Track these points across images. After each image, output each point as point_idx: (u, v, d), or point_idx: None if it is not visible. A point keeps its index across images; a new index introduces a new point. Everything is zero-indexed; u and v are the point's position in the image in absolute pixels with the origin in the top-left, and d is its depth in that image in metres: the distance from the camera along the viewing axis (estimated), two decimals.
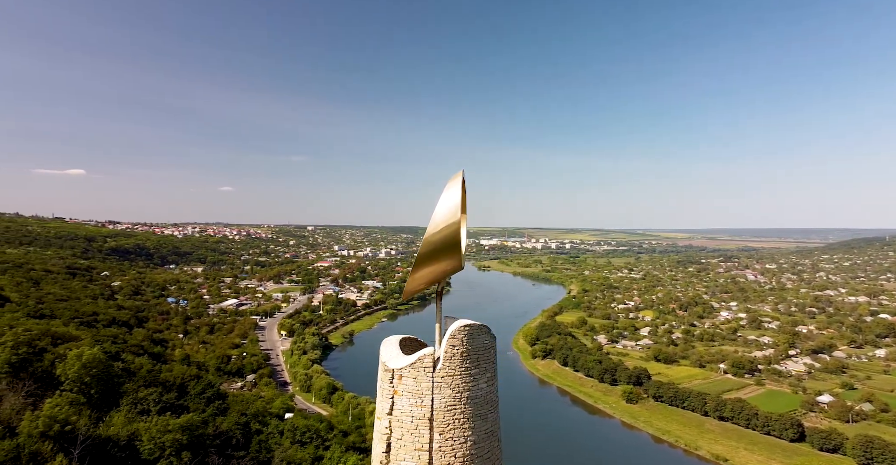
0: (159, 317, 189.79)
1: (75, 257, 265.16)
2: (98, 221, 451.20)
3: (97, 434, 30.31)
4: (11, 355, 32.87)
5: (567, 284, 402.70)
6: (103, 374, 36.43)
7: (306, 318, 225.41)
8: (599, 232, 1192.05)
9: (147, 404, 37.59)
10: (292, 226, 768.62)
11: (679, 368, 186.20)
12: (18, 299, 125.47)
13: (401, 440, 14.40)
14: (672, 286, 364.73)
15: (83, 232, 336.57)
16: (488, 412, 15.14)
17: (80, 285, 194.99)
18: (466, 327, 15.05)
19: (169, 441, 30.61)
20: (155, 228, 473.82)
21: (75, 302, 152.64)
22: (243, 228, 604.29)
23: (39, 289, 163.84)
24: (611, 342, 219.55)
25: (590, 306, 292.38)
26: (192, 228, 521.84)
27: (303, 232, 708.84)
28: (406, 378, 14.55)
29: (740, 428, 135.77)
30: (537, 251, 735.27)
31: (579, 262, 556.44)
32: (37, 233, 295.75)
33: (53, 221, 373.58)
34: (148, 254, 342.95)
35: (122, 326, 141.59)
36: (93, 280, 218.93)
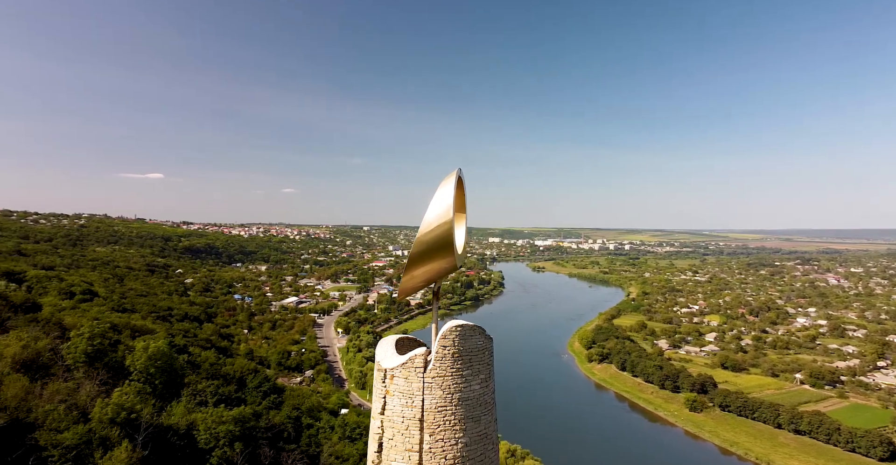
0: (226, 313, 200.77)
1: (154, 255, 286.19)
2: (174, 222, 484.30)
3: (159, 423, 32.20)
4: (88, 345, 35.63)
5: (625, 286, 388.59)
6: (167, 366, 38.76)
7: (361, 316, 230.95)
8: (661, 233, 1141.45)
9: (205, 395, 39.71)
10: (349, 226, 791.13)
11: (749, 376, 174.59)
12: (105, 293, 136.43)
13: (392, 441, 14.28)
14: (741, 290, 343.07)
15: (161, 232, 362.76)
16: (482, 415, 14.82)
17: (157, 282, 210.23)
18: (458, 328, 14.79)
19: (223, 432, 32.01)
20: (223, 229, 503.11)
21: (153, 297, 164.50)
22: (303, 229, 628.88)
23: (123, 285, 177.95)
24: (672, 348, 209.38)
25: (650, 310, 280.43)
26: (256, 229, 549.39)
27: (359, 232, 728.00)
28: (397, 378, 14.43)
29: (819, 443, 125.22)
30: (594, 252, 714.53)
31: (639, 263, 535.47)
32: (121, 233, 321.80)
33: (136, 222, 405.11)
34: (217, 253, 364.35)
35: (193, 321, 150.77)
36: (168, 277, 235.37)
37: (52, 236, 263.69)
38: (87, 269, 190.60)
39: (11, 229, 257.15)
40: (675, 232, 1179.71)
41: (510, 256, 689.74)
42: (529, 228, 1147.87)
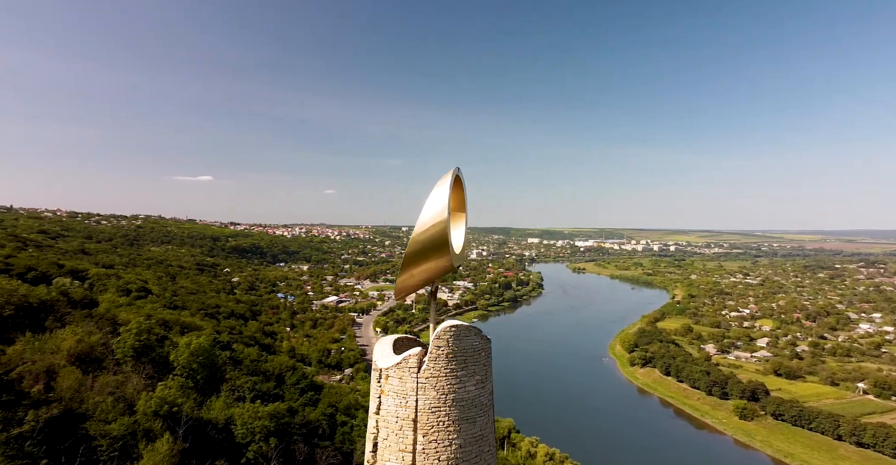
0: (270, 311, 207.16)
1: (203, 254, 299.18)
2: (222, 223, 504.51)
3: (199, 416, 33.38)
4: (135, 341, 37.44)
5: (670, 288, 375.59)
6: (208, 361, 40.20)
7: (399, 316, 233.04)
8: (709, 233, 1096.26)
9: (243, 391, 40.97)
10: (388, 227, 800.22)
11: (804, 384, 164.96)
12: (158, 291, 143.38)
13: (386, 441, 14.18)
14: (797, 294, 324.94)
15: (210, 232, 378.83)
16: (477, 416, 14.55)
17: (206, 280, 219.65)
18: (452, 328, 14.54)
19: (259, 427, 32.85)
20: (268, 229, 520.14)
21: (202, 295, 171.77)
22: (344, 229, 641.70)
23: (175, 283, 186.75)
24: (721, 353, 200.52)
25: (696, 313, 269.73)
26: (299, 229, 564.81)
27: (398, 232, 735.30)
28: (392, 378, 14.32)
29: (886, 458, 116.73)
30: (637, 253, 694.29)
31: (685, 265, 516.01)
32: (174, 233, 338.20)
33: (187, 223, 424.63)
34: (262, 253, 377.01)
35: (239, 318, 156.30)
36: (217, 276, 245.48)
37: (112, 236, 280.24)
38: (142, 267, 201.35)
39: (77, 230, 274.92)
40: (724, 233, 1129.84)
41: (550, 257, 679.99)
42: (570, 229, 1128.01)
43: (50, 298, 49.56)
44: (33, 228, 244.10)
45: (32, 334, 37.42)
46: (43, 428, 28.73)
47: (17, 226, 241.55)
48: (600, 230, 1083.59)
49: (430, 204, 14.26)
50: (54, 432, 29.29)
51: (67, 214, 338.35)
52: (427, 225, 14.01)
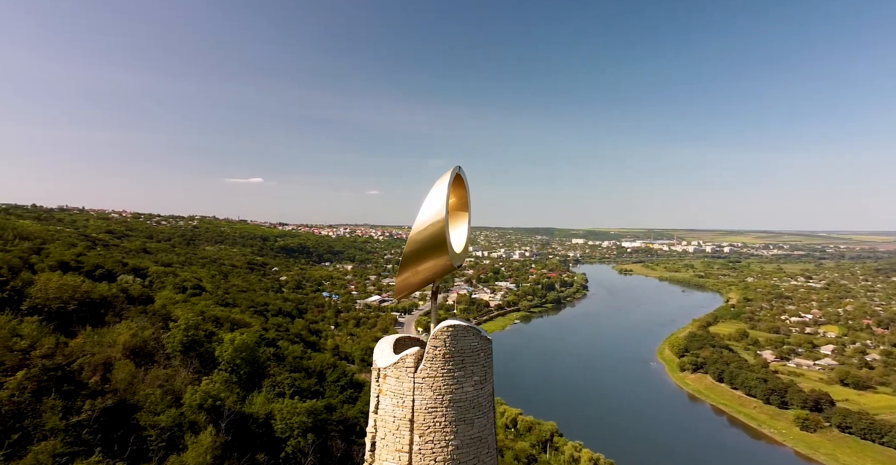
0: (316, 309, 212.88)
1: (253, 254, 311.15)
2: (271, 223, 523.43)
3: (241, 411, 34.47)
4: (183, 336, 39.16)
5: (724, 291, 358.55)
6: (251, 357, 41.50)
7: (441, 316, 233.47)
8: (768, 234, 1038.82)
9: (283, 387, 42.06)
10: None
11: (876, 396, 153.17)
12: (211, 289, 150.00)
13: (384, 440, 14.19)
14: (867, 298, 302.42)
15: (259, 232, 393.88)
16: (475, 418, 14.40)
17: (256, 279, 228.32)
18: (450, 328, 14.36)
19: (297, 423, 33.55)
20: (314, 229, 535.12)
21: (252, 293, 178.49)
22: (387, 229, 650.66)
23: (227, 281, 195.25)
24: (780, 360, 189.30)
25: (752, 318, 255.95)
26: (343, 229, 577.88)
27: None
28: (389, 378, 14.31)
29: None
30: (688, 255, 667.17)
31: (740, 267, 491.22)
32: (227, 233, 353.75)
33: (238, 223, 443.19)
34: (308, 252, 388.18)
35: (286, 316, 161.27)
36: (266, 275, 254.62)
37: (170, 236, 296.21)
38: (197, 266, 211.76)
39: (139, 230, 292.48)
40: (784, 233, 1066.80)
41: (595, 258, 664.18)
42: (616, 229, 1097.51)
43: (110, 294, 52.69)
44: (101, 229, 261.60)
45: (92, 329, 39.84)
46: (98, 417, 30.44)
47: (88, 226, 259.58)
48: (648, 231, 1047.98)
49: (428, 203, 14.24)
50: (108, 421, 30.98)
51: (132, 215, 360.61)
52: (425, 224, 14.00)
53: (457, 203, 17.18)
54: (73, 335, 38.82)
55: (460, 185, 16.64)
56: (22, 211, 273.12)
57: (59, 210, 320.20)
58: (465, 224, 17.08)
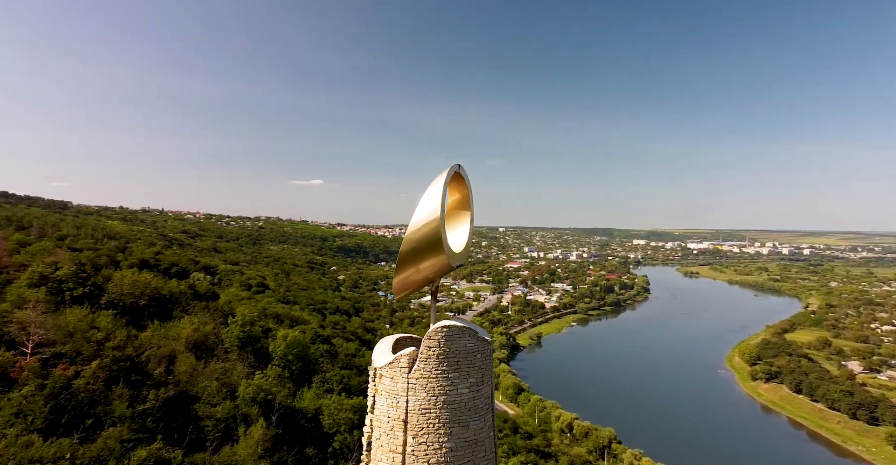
0: (371, 308, 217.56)
1: (313, 253, 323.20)
2: (330, 223, 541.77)
3: (291, 405, 35.47)
4: (240, 331, 40.92)
5: (803, 296, 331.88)
6: (302, 354, 42.69)
7: (495, 317, 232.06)
8: (855, 235, 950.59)
9: (332, 383, 42.92)
10: (484, 228, 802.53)
11: None
12: (274, 286, 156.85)
13: (379, 440, 14.17)
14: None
15: (319, 233, 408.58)
16: (471, 420, 14.19)
17: (316, 278, 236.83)
18: (444, 328, 14.17)
19: (343, 419, 34.07)
20: (371, 230, 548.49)
21: (311, 292, 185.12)
22: None
23: (289, 279, 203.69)
24: (868, 371, 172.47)
25: (836, 325, 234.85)
26: (399, 230, 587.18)
27: (494, 233, 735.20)
28: (385, 378, 14.27)
29: None
30: (762, 257, 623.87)
31: (822, 271, 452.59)
32: (289, 233, 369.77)
33: (300, 224, 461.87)
34: (365, 252, 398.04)
35: (343, 314, 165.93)
36: (325, 274, 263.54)
37: (238, 236, 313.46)
38: (262, 264, 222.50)
39: (211, 230, 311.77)
40: (875, 235, 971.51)
41: (657, 259, 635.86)
42: (681, 230, 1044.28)
43: (177, 290, 56.15)
44: (178, 229, 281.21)
45: (160, 323, 42.58)
46: (161, 407, 32.38)
47: (166, 227, 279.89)
48: (717, 232, 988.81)
49: (424, 202, 14.13)
50: (170, 410, 32.89)
51: (204, 216, 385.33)
52: (421, 223, 13.95)
53: (458, 202, 17.09)
54: (143, 329, 41.64)
55: (462, 183, 16.49)
56: (111, 213, 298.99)
57: (142, 212, 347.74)
58: (467, 224, 16.85)
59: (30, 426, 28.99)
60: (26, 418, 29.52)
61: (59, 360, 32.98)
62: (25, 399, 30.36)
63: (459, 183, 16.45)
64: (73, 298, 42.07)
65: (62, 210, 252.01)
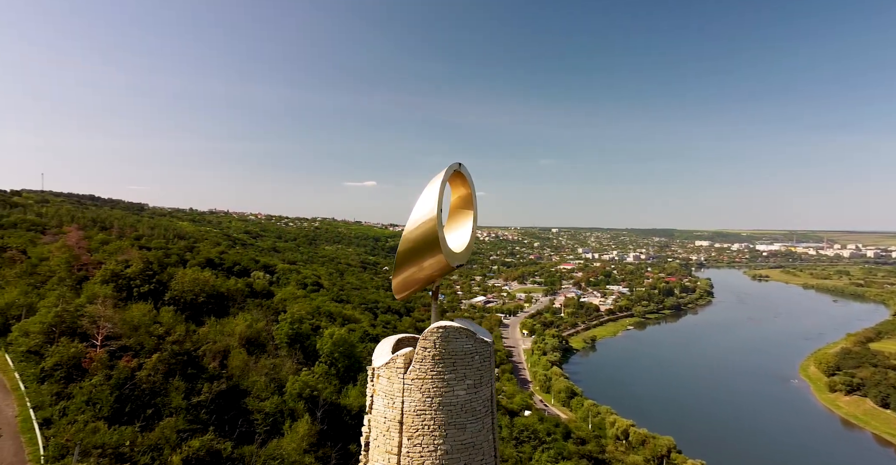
0: (423, 308, 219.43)
1: (366, 253, 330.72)
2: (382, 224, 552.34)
3: (336, 402, 36.05)
4: (289, 329, 42.18)
5: (890, 302, 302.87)
6: (348, 352, 43.38)
7: (547, 319, 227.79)
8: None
9: None
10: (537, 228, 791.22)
11: None
12: (328, 285, 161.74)
13: (375, 441, 14.08)
14: None
15: (372, 233, 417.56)
16: (467, 423, 13.92)
17: (368, 277, 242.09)
18: (440, 329, 14.00)
19: None
20: None
21: (364, 291, 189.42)
22: (492, 230, 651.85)
23: (342, 279, 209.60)
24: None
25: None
26: None
27: (547, 234, 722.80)
28: (381, 378, 14.18)
29: None
30: (843, 260, 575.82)
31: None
32: (343, 234, 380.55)
33: (354, 224, 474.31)
34: None
35: (394, 313, 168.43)
36: (377, 273, 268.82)
37: (296, 236, 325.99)
38: (318, 264, 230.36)
39: (271, 231, 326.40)
40: None
41: (722, 261, 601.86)
42: (748, 231, 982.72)
43: (234, 288, 58.83)
44: (241, 229, 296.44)
45: (216, 319, 44.70)
46: (214, 399, 33.88)
47: (231, 227, 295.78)
48: (789, 232, 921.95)
49: (421, 201, 13.99)
50: (222, 403, 34.34)
51: (265, 217, 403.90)
52: (417, 222, 13.85)
53: (460, 202, 16.80)
54: (201, 324, 43.87)
55: (464, 183, 16.16)
56: (182, 214, 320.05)
57: (209, 213, 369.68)
58: (470, 223, 16.51)
59: (98, 413, 31.13)
60: (95, 405, 31.73)
61: (124, 352, 35.29)
62: (95, 388, 32.67)
63: (461, 182, 16.28)
64: (140, 294, 44.94)
65: (139, 212, 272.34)
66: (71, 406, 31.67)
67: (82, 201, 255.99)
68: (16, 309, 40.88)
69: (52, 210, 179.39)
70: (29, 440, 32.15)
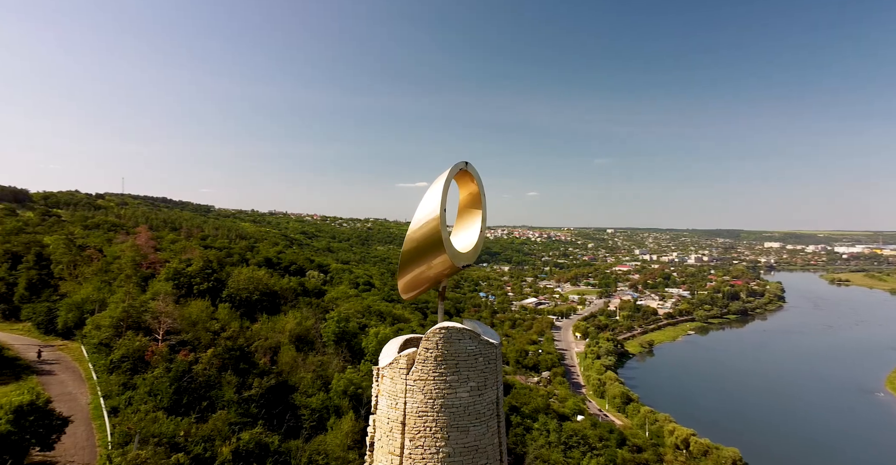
0: (472, 309, 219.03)
1: None
2: None
3: None
4: (336, 327, 43.00)
5: None
6: None
7: (601, 322, 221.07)
8: None
9: None
10: (591, 229, 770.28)
11: None
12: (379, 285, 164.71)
13: (380, 441, 14.09)
14: None
15: None
16: (471, 425, 13.75)
17: None
18: (443, 330, 13.84)
19: None
20: None
21: None
22: (545, 231, 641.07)
23: (393, 278, 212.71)
24: None
25: None
26: (500, 231, 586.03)
27: (602, 235, 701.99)
28: (385, 378, 14.20)
29: None
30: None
31: None
32: (395, 234, 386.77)
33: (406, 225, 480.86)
34: None
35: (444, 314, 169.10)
36: None
37: (349, 237, 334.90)
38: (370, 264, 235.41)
39: (325, 231, 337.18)
40: None
41: (795, 264, 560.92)
42: (826, 232, 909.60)
43: (288, 287, 60.87)
44: (298, 230, 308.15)
45: (268, 316, 46.36)
46: (264, 394, 35.05)
47: (288, 228, 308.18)
48: (874, 233, 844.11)
49: (425, 200, 13.94)
50: (272, 398, 35.47)
51: (320, 218, 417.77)
52: (421, 222, 13.82)
53: (469, 201, 16.62)
54: (254, 321, 45.66)
55: (471, 182, 16.02)
56: (244, 215, 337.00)
57: (269, 214, 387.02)
58: (478, 223, 16.27)
59: (158, 404, 32.96)
60: (156, 396, 33.63)
61: (182, 346, 37.25)
62: (156, 380, 34.64)
63: (468, 181, 16.13)
64: (199, 291, 47.36)
65: (206, 213, 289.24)
66: (135, 396, 33.75)
67: (156, 203, 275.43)
68: (90, 304, 44.38)
69: (129, 212, 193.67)
70: (98, 426, 34.57)
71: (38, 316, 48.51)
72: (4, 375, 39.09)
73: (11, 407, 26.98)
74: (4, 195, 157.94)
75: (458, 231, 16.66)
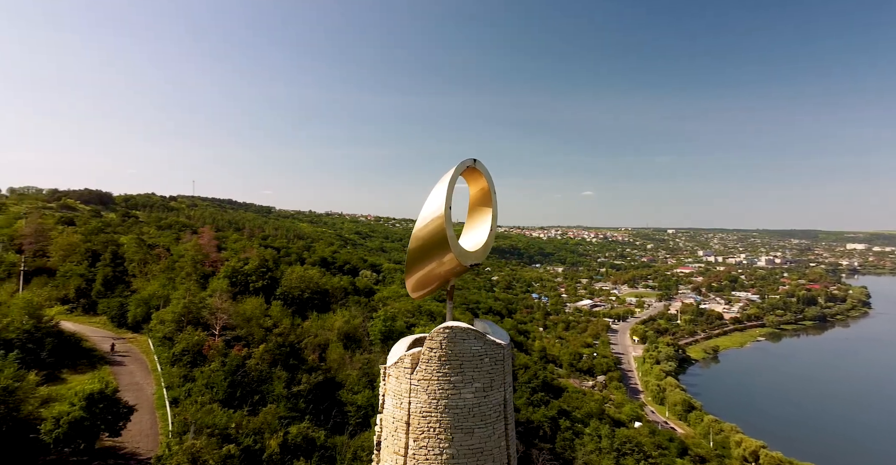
0: (524, 310, 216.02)
1: None
2: None
3: None
4: (382, 326, 43.42)
5: None
6: None
7: (661, 326, 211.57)
8: None
9: None
10: (650, 229, 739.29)
11: None
12: None
13: (386, 441, 14.03)
14: None
15: None
16: (475, 427, 13.56)
17: (470, 278, 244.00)
18: (447, 330, 13.64)
19: None
20: (525, 231, 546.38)
21: (465, 291, 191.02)
22: (601, 232, 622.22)
23: None
24: None
25: None
26: (554, 232, 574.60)
27: (662, 235, 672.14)
28: (391, 377, 14.18)
29: None
30: None
31: None
32: None
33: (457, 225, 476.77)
34: (519, 254, 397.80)
35: (496, 314, 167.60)
36: (479, 274, 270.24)
37: (402, 237, 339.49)
38: None
39: (379, 231, 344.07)
40: None
41: (883, 268, 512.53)
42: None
43: (339, 285, 62.29)
44: (352, 230, 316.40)
45: (318, 314, 47.53)
46: (311, 390, 35.86)
47: (343, 228, 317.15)
48: None
49: (430, 198, 13.86)
50: (319, 394, 36.23)
51: (374, 219, 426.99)
52: (426, 220, 13.75)
53: (478, 199, 16.48)
54: (305, 318, 46.98)
55: (480, 179, 15.87)
56: (302, 216, 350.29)
57: (325, 215, 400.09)
58: (488, 221, 16.11)
59: (214, 396, 34.48)
60: (212, 389, 35.20)
61: (237, 342, 38.84)
62: (213, 373, 36.28)
63: (477, 179, 15.92)
64: (255, 289, 49.33)
65: (267, 214, 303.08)
66: (194, 388, 35.52)
67: (222, 205, 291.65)
68: (156, 300, 47.41)
69: (198, 213, 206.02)
70: (161, 415, 36.68)
71: (111, 310, 52.46)
72: (82, 365, 42.43)
73: (84, 395, 29.07)
74: (91, 198, 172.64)
75: (469, 229, 16.44)
